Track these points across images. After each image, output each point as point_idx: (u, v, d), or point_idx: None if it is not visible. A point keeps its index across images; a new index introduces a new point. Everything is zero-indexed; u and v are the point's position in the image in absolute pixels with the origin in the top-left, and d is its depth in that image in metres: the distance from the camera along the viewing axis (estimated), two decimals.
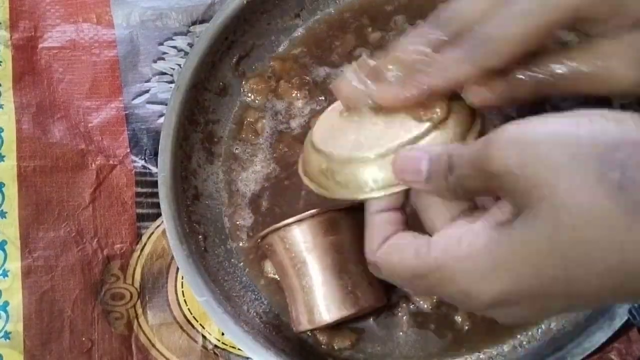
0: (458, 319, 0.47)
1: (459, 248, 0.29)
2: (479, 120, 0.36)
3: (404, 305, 0.48)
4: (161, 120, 0.53)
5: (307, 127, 0.52)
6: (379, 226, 0.35)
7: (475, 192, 0.30)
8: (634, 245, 0.24)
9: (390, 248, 0.34)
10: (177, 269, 0.50)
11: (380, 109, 0.35)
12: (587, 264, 0.25)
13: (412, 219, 0.36)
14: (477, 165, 0.29)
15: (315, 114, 0.52)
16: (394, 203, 0.35)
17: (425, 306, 0.48)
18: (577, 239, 0.25)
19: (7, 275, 0.50)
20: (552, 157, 0.25)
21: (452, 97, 0.35)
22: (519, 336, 0.47)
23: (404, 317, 0.48)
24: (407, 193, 0.35)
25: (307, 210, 0.44)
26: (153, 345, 0.49)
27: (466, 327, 0.47)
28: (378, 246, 0.34)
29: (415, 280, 0.32)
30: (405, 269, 0.32)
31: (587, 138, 0.25)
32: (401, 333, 0.48)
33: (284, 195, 0.51)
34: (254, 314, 0.49)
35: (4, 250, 0.50)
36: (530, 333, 0.47)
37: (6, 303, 0.49)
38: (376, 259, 0.34)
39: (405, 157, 0.33)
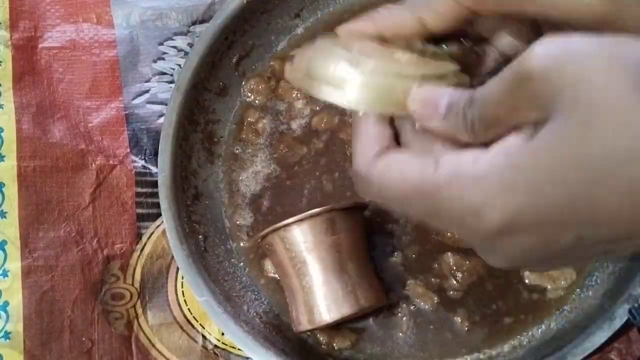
0: (457, 319, 0.47)
1: (474, 166, 0.27)
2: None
3: (404, 305, 0.48)
4: (161, 120, 0.53)
5: (307, 128, 0.52)
6: (374, 135, 0.32)
7: (496, 122, 0.28)
8: None
9: (389, 162, 0.31)
10: (177, 269, 0.50)
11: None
12: (613, 176, 0.24)
13: None
14: (510, 79, 0.27)
15: (315, 114, 0.52)
16: (385, 116, 0.33)
17: (426, 307, 0.48)
18: (608, 146, 0.23)
19: (7, 275, 0.50)
20: (591, 63, 0.24)
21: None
22: (519, 336, 0.47)
23: (404, 318, 0.48)
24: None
25: (308, 210, 0.44)
26: (153, 345, 0.49)
27: (466, 328, 0.47)
28: (373, 157, 0.31)
29: (415, 199, 0.29)
30: (405, 186, 0.29)
31: (626, 49, 0.24)
32: (400, 334, 0.48)
33: (285, 195, 0.51)
34: (254, 314, 0.49)
35: (4, 250, 0.50)
36: (530, 333, 0.47)
37: (6, 303, 0.49)
38: (370, 172, 0.31)
39: (425, 90, 0.31)
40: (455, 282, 0.48)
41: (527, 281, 0.48)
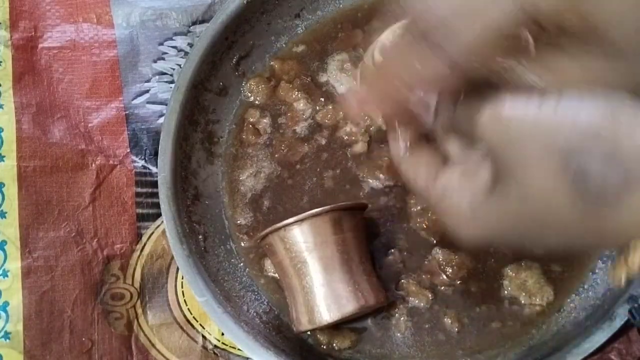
0: (448, 321, 0.47)
1: (450, 199, 0.33)
2: None
3: (401, 305, 0.48)
4: (161, 120, 0.53)
5: (311, 124, 0.52)
6: (427, 162, 0.36)
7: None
8: (581, 231, 0.29)
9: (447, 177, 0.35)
10: (177, 269, 0.50)
11: None
12: (541, 235, 0.31)
13: None
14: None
15: (321, 109, 0.52)
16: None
17: (421, 305, 0.48)
18: (539, 216, 0.29)
19: (7, 275, 0.50)
20: (526, 145, 0.28)
21: None
22: (513, 340, 0.47)
23: (402, 318, 0.48)
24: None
25: (309, 209, 0.44)
26: (153, 346, 0.49)
27: (456, 329, 0.47)
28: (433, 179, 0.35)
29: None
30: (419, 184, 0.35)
31: (560, 128, 0.28)
32: (399, 334, 0.48)
33: (285, 195, 0.51)
34: (254, 314, 0.49)
35: (4, 250, 0.50)
36: (530, 333, 0.47)
37: (6, 303, 0.49)
38: (431, 189, 0.35)
39: None
40: (445, 277, 0.48)
41: (505, 292, 0.48)
